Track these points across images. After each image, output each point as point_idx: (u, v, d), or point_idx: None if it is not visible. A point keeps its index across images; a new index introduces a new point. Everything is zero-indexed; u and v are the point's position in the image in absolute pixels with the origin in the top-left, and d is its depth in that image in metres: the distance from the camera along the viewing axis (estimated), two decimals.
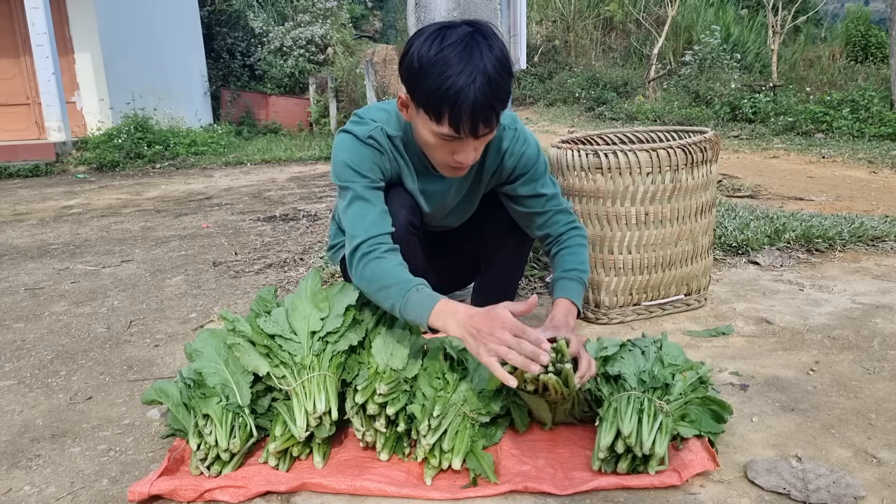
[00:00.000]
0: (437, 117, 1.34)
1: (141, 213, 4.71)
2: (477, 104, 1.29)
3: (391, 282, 1.40)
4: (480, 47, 1.30)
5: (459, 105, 1.29)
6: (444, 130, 1.35)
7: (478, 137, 1.37)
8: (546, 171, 1.68)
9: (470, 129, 1.34)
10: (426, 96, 1.32)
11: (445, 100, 1.29)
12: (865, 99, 8.49)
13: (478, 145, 1.43)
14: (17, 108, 9.00)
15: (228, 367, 1.40)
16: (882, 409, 1.49)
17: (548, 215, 1.69)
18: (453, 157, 1.43)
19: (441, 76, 1.28)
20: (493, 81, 1.30)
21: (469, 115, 1.31)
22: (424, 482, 1.24)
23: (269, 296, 1.55)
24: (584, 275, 1.61)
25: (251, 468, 1.30)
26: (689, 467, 1.23)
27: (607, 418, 1.27)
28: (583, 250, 1.67)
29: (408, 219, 1.65)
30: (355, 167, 1.51)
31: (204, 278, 2.86)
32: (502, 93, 1.33)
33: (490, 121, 1.34)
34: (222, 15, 13.24)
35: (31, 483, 1.32)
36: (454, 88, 1.27)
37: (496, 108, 1.34)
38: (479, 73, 1.28)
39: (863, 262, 2.71)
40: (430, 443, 1.27)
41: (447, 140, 1.38)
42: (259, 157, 8.09)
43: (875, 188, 4.68)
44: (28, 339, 2.18)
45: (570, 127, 10.66)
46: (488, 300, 1.95)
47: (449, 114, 1.31)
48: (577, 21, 15.55)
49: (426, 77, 1.30)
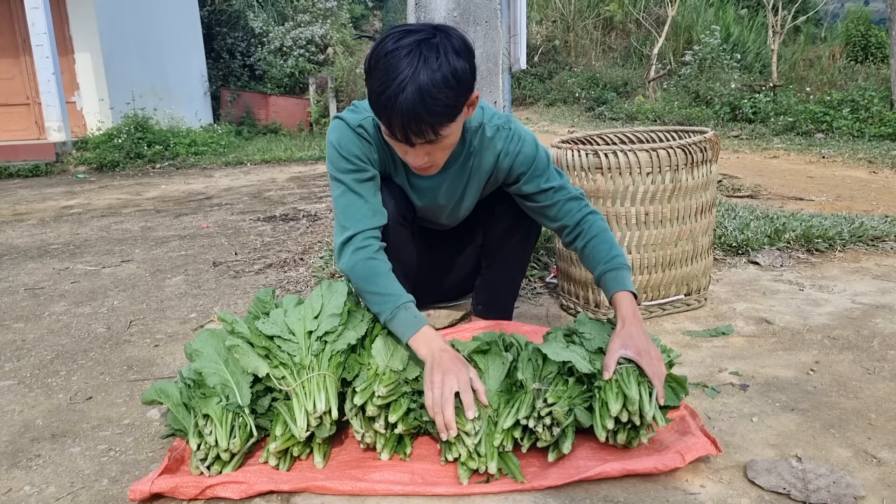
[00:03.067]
0: (379, 119, 1.35)
1: (141, 213, 4.71)
2: (403, 113, 1.27)
3: (383, 290, 1.47)
4: (426, 57, 1.27)
5: (389, 111, 1.29)
6: (385, 133, 1.38)
7: (413, 146, 1.36)
8: (548, 165, 1.67)
9: (401, 135, 1.33)
10: (370, 96, 1.33)
11: (380, 104, 1.30)
12: (865, 99, 8.50)
13: (429, 150, 1.40)
14: (17, 108, 9.00)
15: (228, 367, 1.40)
16: (882, 409, 1.49)
17: (558, 206, 1.66)
18: (405, 156, 1.45)
19: (381, 80, 1.28)
20: (426, 93, 1.26)
21: (399, 123, 1.30)
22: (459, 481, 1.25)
23: (267, 297, 1.55)
24: (624, 258, 1.58)
25: (252, 467, 1.30)
26: (692, 450, 1.26)
27: (611, 388, 1.30)
28: (609, 235, 1.63)
29: (398, 210, 1.66)
30: (345, 154, 1.53)
31: (204, 278, 2.86)
32: (438, 106, 1.29)
33: (422, 132, 1.32)
34: (222, 15, 13.24)
35: (31, 483, 1.32)
36: (385, 95, 1.28)
37: (426, 120, 1.30)
38: (412, 82, 1.26)
39: (863, 262, 2.71)
40: (474, 443, 1.27)
41: (395, 141, 1.39)
42: (259, 157, 8.09)
43: (875, 188, 4.68)
44: (28, 339, 2.18)
45: (570, 127, 10.67)
46: (489, 298, 1.96)
47: (383, 118, 1.33)
48: (577, 21, 15.55)
49: (370, 78, 1.32)
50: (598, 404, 1.32)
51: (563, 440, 1.30)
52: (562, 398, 1.30)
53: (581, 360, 1.35)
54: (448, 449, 1.29)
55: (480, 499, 1.21)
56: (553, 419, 1.28)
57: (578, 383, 1.36)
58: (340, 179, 1.54)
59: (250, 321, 1.46)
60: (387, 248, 1.58)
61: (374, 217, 1.54)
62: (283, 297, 1.54)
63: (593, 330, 1.48)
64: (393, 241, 1.63)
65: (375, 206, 1.55)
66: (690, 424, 1.37)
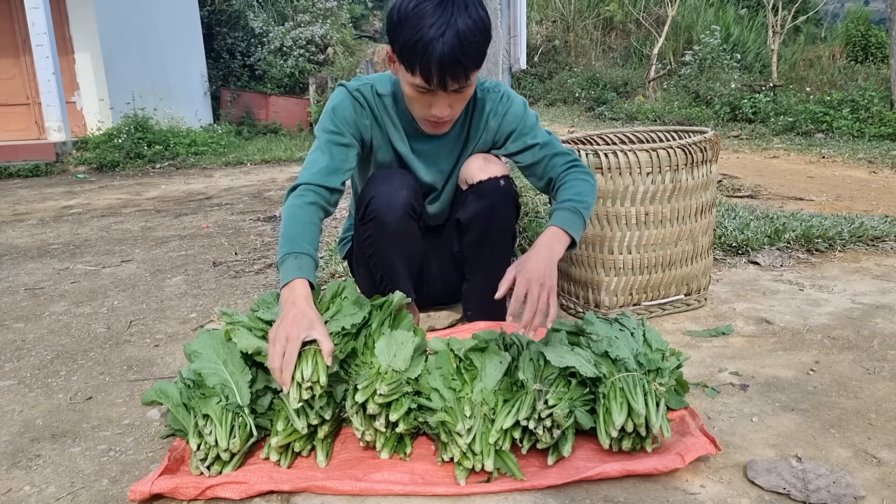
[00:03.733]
0: (410, 68, 1.43)
1: (141, 213, 4.71)
2: (444, 57, 1.37)
3: (289, 235, 1.47)
4: (457, 6, 1.38)
5: (428, 56, 1.37)
6: (417, 81, 1.44)
7: (447, 91, 1.45)
8: (536, 124, 1.73)
9: (438, 81, 1.41)
10: (401, 47, 1.41)
11: (416, 51, 1.38)
12: (865, 99, 8.49)
13: (452, 101, 1.50)
14: (17, 108, 9.00)
15: (228, 367, 1.40)
16: (882, 409, 1.49)
17: (544, 161, 1.70)
18: (430, 109, 1.52)
19: (414, 28, 1.37)
20: (464, 38, 1.37)
21: (437, 67, 1.38)
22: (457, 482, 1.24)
23: (270, 298, 1.56)
24: (581, 205, 1.56)
25: (253, 467, 1.30)
26: (692, 451, 1.25)
27: (615, 397, 1.29)
28: (581, 184, 1.62)
29: (408, 201, 1.68)
30: (333, 118, 1.61)
31: (204, 278, 2.86)
32: (473, 51, 1.40)
33: (458, 76, 1.41)
34: (222, 15, 13.23)
35: (31, 483, 1.32)
36: (424, 40, 1.36)
37: (464, 64, 1.40)
38: (450, 27, 1.36)
39: (863, 262, 2.71)
40: (466, 443, 1.26)
41: (422, 92, 1.47)
42: (259, 157, 8.08)
43: (875, 188, 4.68)
44: (28, 339, 2.18)
45: (570, 127, 10.66)
46: (479, 304, 1.90)
47: (420, 65, 1.40)
48: (577, 21, 15.55)
49: (402, 29, 1.39)
50: (601, 410, 1.31)
51: (563, 442, 1.30)
52: (563, 400, 1.30)
53: (585, 364, 1.35)
54: (443, 449, 1.30)
55: (480, 498, 1.21)
56: (553, 421, 1.28)
57: (581, 385, 1.36)
58: (318, 137, 1.63)
59: (250, 314, 1.47)
60: (394, 239, 1.62)
61: (328, 176, 1.58)
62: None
63: (601, 331, 1.46)
64: (400, 232, 1.65)
65: (334, 167, 1.59)
66: (690, 424, 1.37)
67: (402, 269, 1.77)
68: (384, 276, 1.80)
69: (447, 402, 1.33)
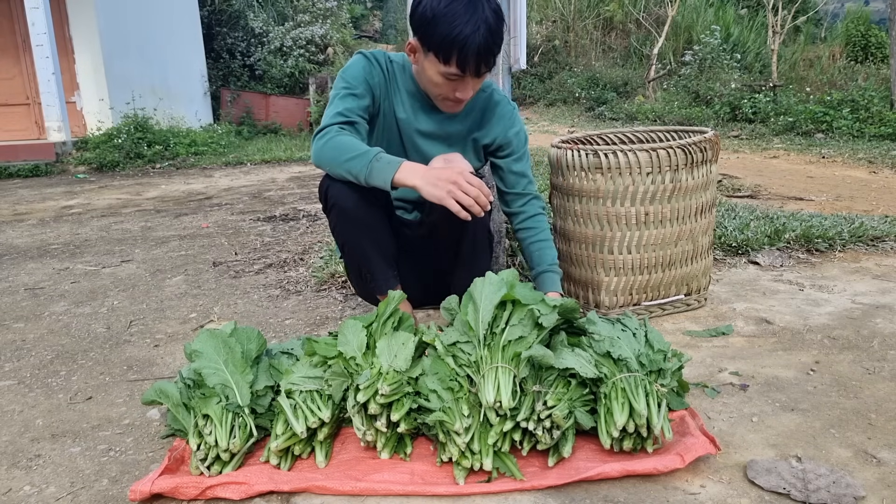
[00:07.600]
0: (445, 60, 1.60)
1: (141, 213, 4.71)
2: (481, 48, 1.58)
3: (353, 153, 1.61)
4: (482, 2, 1.59)
5: (466, 50, 1.57)
6: (452, 70, 1.62)
7: (479, 76, 1.67)
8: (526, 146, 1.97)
9: (474, 69, 1.62)
10: (438, 42, 1.58)
11: (455, 45, 1.56)
12: (865, 99, 8.50)
13: (475, 84, 1.70)
14: (17, 108, 9.01)
15: (228, 367, 1.40)
16: (882, 409, 1.49)
17: (526, 199, 1.95)
18: (455, 93, 1.70)
19: (450, 25, 1.55)
20: (493, 30, 1.59)
21: (474, 58, 1.59)
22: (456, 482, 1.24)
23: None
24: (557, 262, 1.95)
25: (253, 467, 1.30)
26: (692, 451, 1.25)
27: (616, 397, 1.29)
28: (551, 237, 1.97)
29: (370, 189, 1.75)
30: (344, 76, 1.76)
31: (204, 278, 2.86)
32: (499, 39, 1.63)
33: (489, 63, 1.64)
34: (222, 15, 13.23)
35: (31, 483, 1.32)
36: (462, 35, 1.55)
37: (494, 52, 1.63)
38: (483, 23, 1.57)
39: (863, 262, 2.71)
40: (464, 442, 1.26)
41: (452, 79, 1.65)
42: (259, 157, 8.09)
43: (875, 188, 4.68)
44: (28, 339, 2.18)
45: (570, 127, 10.67)
46: None
47: (457, 57, 1.58)
48: (577, 21, 15.55)
49: (437, 25, 1.57)
50: (602, 410, 1.31)
51: (563, 443, 1.30)
52: (562, 401, 1.30)
53: (585, 365, 1.35)
54: (442, 450, 1.30)
55: (480, 499, 1.21)
56: (553, 422, 1.28)
57: (581, 385, 1.36)
58: (333, 97, 1.76)
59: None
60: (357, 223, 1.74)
61: (348, 116, 1.71)
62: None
63: (603, 330, 1.46)
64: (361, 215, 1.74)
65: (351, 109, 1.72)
66: (690, 424, 1.37)
67: (374, 254, 1.83)
68: (361, 265, 1.87)
69: (445, 403, 1.33)
